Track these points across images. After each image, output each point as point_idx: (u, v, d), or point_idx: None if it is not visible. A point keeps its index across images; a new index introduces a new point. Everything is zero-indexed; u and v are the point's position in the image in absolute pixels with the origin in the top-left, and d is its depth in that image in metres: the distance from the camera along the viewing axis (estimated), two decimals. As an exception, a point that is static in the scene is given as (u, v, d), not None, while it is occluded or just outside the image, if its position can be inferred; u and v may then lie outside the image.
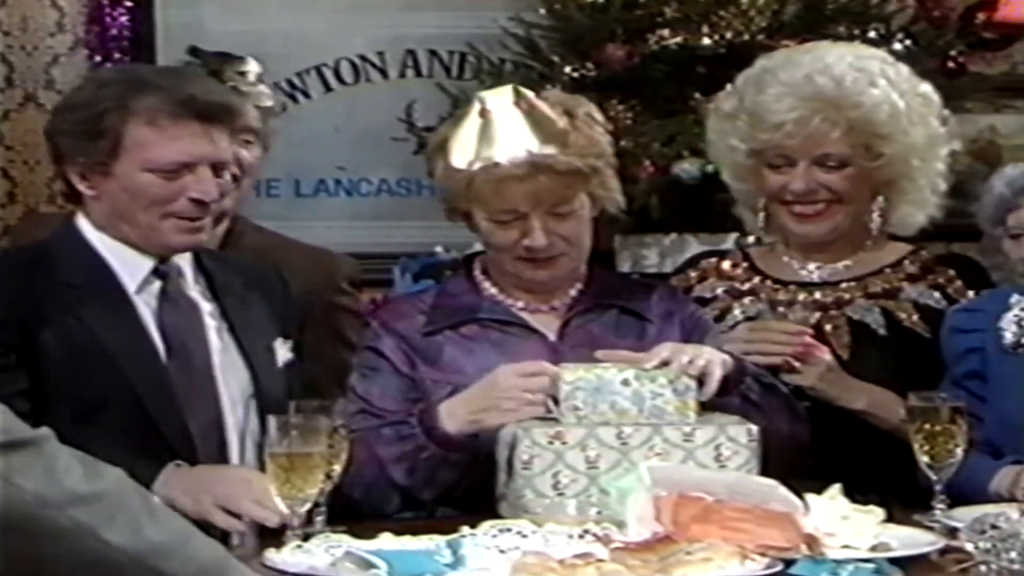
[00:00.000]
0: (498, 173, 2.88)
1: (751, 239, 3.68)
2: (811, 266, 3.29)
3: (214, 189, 2.85)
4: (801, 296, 3.24)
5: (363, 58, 5.42)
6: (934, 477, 2.72)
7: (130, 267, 2.85)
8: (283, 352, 2.97)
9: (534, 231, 2.90)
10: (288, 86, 5.39)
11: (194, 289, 2.93)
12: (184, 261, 2.93)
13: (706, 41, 4.59)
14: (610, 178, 3.00)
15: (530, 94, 2.96)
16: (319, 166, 5.43)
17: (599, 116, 3.02)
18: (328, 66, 5.42)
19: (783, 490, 2.43)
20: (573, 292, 3.03)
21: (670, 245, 4.56)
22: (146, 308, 2.85)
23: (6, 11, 5.24)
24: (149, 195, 2.82)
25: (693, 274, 3.36)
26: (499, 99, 2.93)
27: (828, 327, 3.21)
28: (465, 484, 2.83)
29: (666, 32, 4.64)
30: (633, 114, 4.62)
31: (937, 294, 3.24)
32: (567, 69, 4.68)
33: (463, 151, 2.91)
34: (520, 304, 3.01)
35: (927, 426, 2.73)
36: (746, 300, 3.26)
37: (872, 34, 4.62)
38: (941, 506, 2.69)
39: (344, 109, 5.43)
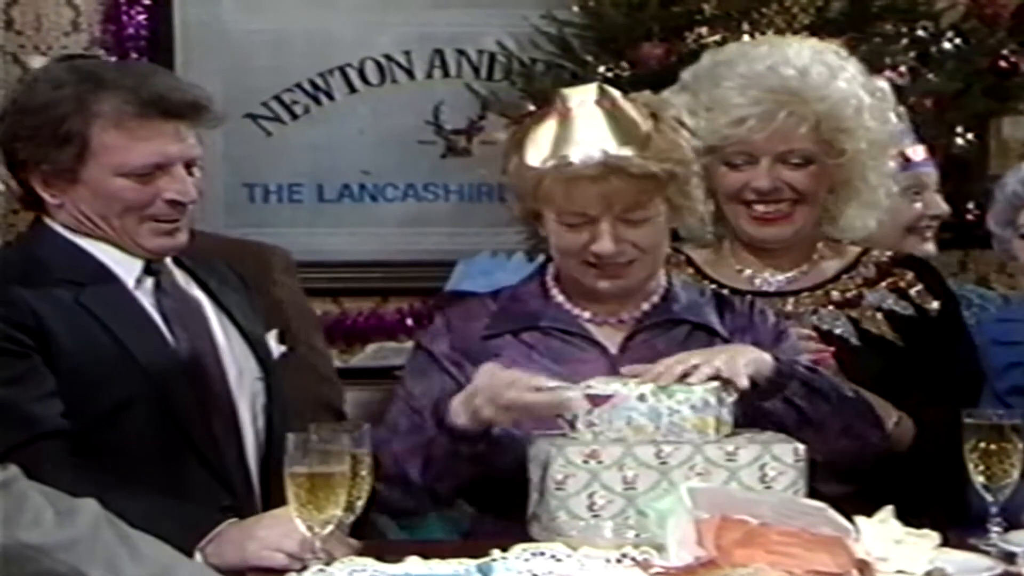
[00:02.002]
0: (569, 172, 2.84)
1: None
2: (766, 274, 3.25)
3: (190, 188, 2.83)
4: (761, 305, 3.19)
5: (389, 58, 5.39)
6: (990, 499, 2.66)
7: (123, 265, 2.83)
8: (275, 345, 2.97)
9: (603, 236, 2.86)
10: (311, 87, 5.37)
11: (184, 282, 2.92)
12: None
13: (747, 39, 4.54)
14: (693, 187, 2.94)
15: (616, 93, 2.92)
16: (343, 170, 5.41)
17: (689, 120, 2.98)
18: (352, 66, 5.39)
19: (832, 512, 2.38)
20: (646, 306, 2.98)
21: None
22: (148, 304, 2.83)
23: (19, 10, 5.22)
24: (124, 200, 2.79)
25: None
26: (581, 97, 2.90)
27: None
28: (480, 479, 2.81)
29: (705, 30, 4.62)
30: (670, 116, 4.58)
31: (901, 300, 3.22)
32: (601, 69, 4.66)
33: (538, 149, 2.87)
34: (587, 315, 2.97)
35: (982, 444, 2.67)
36: (792, 333, 3.18)
37: (921, 32, 4.60)
38: (997, 529, 2.63)
39: (369, 111, 5.40)
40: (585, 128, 2.86)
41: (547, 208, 2.90)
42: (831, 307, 3.21)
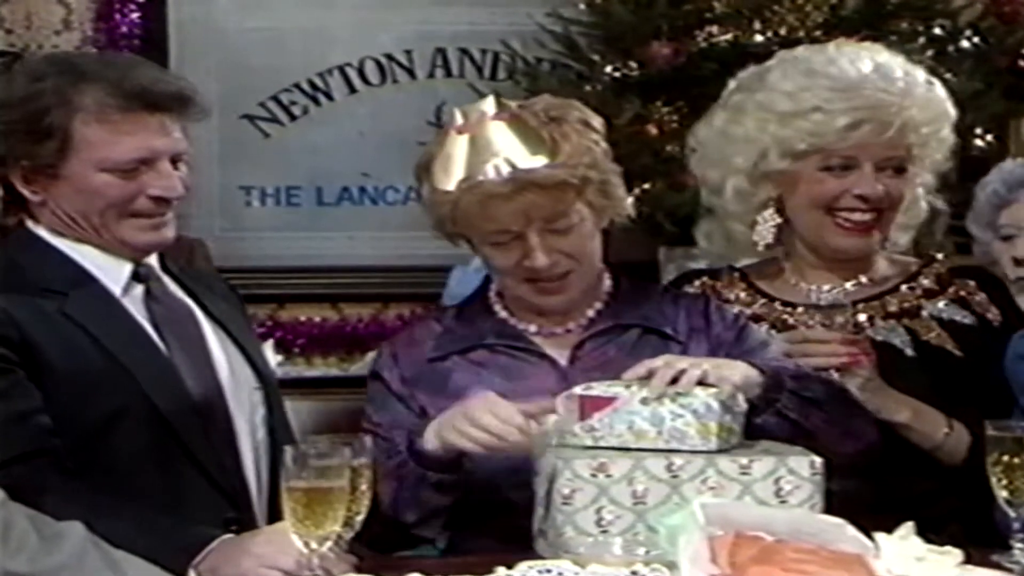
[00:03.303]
0: (481, 192, 2.83)
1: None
2: (824, 287, 3.21)
3: (176, 183, 2.79)
4: (816, 319, 3.15)
5: (390, 57, 5.38)
6: (1013, 514, 2.62)
7: (109, 271, 2.79)
8: (272, 355, 2.93)
9: (534, 251, 2.85)
10: (309, 87, 5.35)
11: (175, 290, 2.88)
12: (152, 261, 2.86)
13: (758, 38, 4.56)
14: (613, 186, 2.93)
15: (513, 104, 2.92)
16: (342, 173, 5.39)
17: (595, 121, 2.94)
18: (352, 66, 5.38)
19: (851, 529, 2.35)
20: (591, 312, 2.98)
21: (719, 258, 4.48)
22: (136, 312, 2.79)
23: (9, 8, 5.20)
24: (106, 197, 2.75)
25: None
26: (480, 112, 2.89)
27: None
28: (448, 510, 2.81)
29: (715, 28, 4.61)
30: (679, 117, 4.57)
31: (962, 310, 3.18)
32: (608, 69, 4.65)
33: (447, 171, 2.87)
34: (533, 328, 2.98)
35: (1005, 458, 2.63)
36: (754, 326, 3.14)
37: (938, 30, 4.58)
38: (1021, 546, 2.59)
39: (369, 112, 5.39)
40: (491, 144, 2.84)
41: (469, 231, 2.91)
42: (888, 319, 3.17)
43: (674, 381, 2.66)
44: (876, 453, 2.91)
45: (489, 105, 2.90)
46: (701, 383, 2.67)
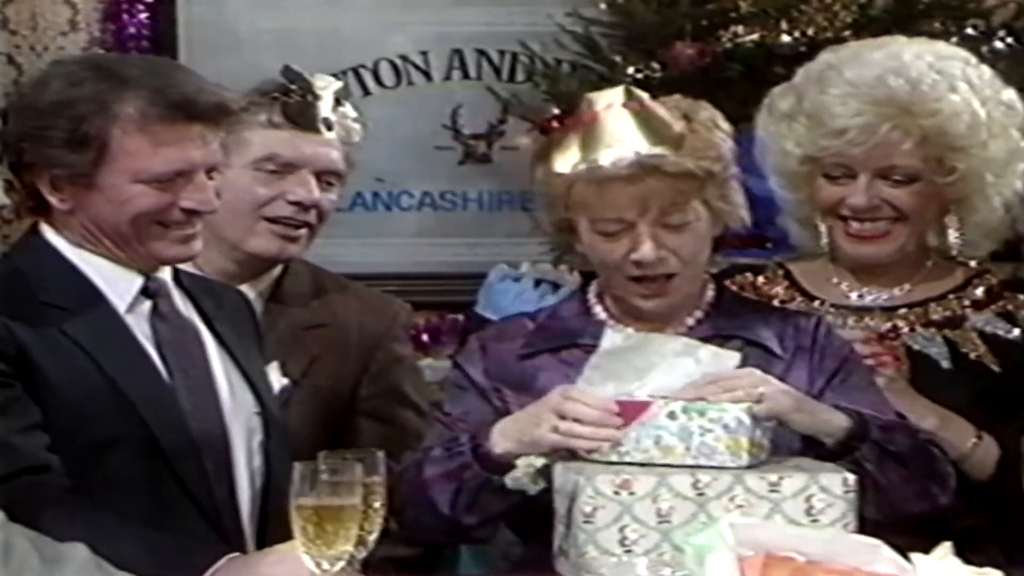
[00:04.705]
0: (601, 175, 2.82)
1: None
2: (864, 290, 3.17)
3: (211, 196, 2.76)
4: (852, 321, 3.12)
5: (405, 59, 5.33)
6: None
7: (117, 285, 2.75)
8: (276, 378, 2.91)
9: (643, 242, 2.83)
10: (322, 90, 5.30)
11: (184, 308, 2.84)
12: (165, 275, 2.84)
13: (785, 38, 4.51)
14: (733, 190, 2.93)
15: (643, 95, 2.92)
16: (355, 177, 5.29)
17: (724, 124, 2.95)
18: (366, 68, 5.33)
19: (887, 550, 2.31)
20: (691, 321, 2.96)
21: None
22: (140, 331, 2.75)
23: (14, 8, 5.16)
24: (139, 207, 2.71)
25: None
26: (608, 99, 2.89)
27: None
28: (510, 518, 2.80)
29: (740, 29, 4.57)
30: (703, 119, 4.52)
31: (1005, 323, 3.12)
32: (630, 70, 4.61)
33: (566, 155, 2.86)
34: (630, 331, 2.93)
35: (1046, 473, 2.59)
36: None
37: (970, 31, 4.52)
38: (1062, 567, 2.56)
39: (384, 115, 5.32)
40: (614, 130, 2.83)
41: (580, 216, 2.87)
42: (929, 327, 3.13)
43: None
44: (939, 514, 2.86)
45: (619, 94, 2.90)
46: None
